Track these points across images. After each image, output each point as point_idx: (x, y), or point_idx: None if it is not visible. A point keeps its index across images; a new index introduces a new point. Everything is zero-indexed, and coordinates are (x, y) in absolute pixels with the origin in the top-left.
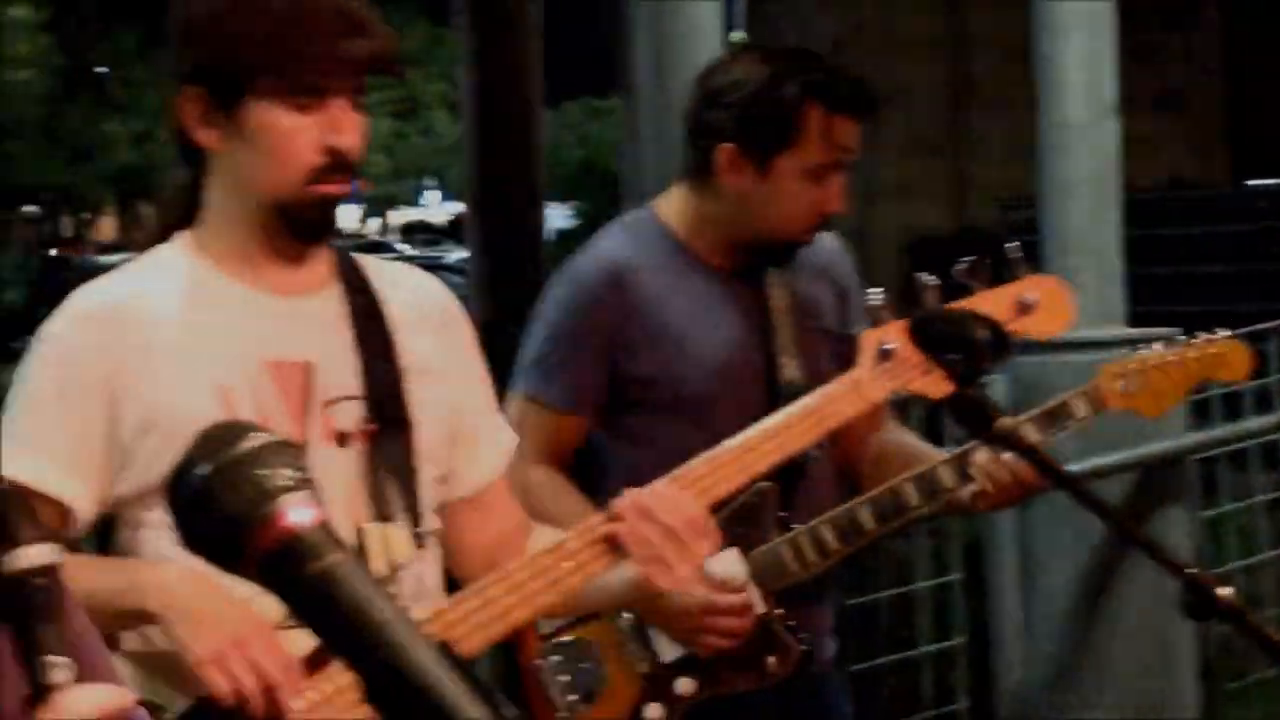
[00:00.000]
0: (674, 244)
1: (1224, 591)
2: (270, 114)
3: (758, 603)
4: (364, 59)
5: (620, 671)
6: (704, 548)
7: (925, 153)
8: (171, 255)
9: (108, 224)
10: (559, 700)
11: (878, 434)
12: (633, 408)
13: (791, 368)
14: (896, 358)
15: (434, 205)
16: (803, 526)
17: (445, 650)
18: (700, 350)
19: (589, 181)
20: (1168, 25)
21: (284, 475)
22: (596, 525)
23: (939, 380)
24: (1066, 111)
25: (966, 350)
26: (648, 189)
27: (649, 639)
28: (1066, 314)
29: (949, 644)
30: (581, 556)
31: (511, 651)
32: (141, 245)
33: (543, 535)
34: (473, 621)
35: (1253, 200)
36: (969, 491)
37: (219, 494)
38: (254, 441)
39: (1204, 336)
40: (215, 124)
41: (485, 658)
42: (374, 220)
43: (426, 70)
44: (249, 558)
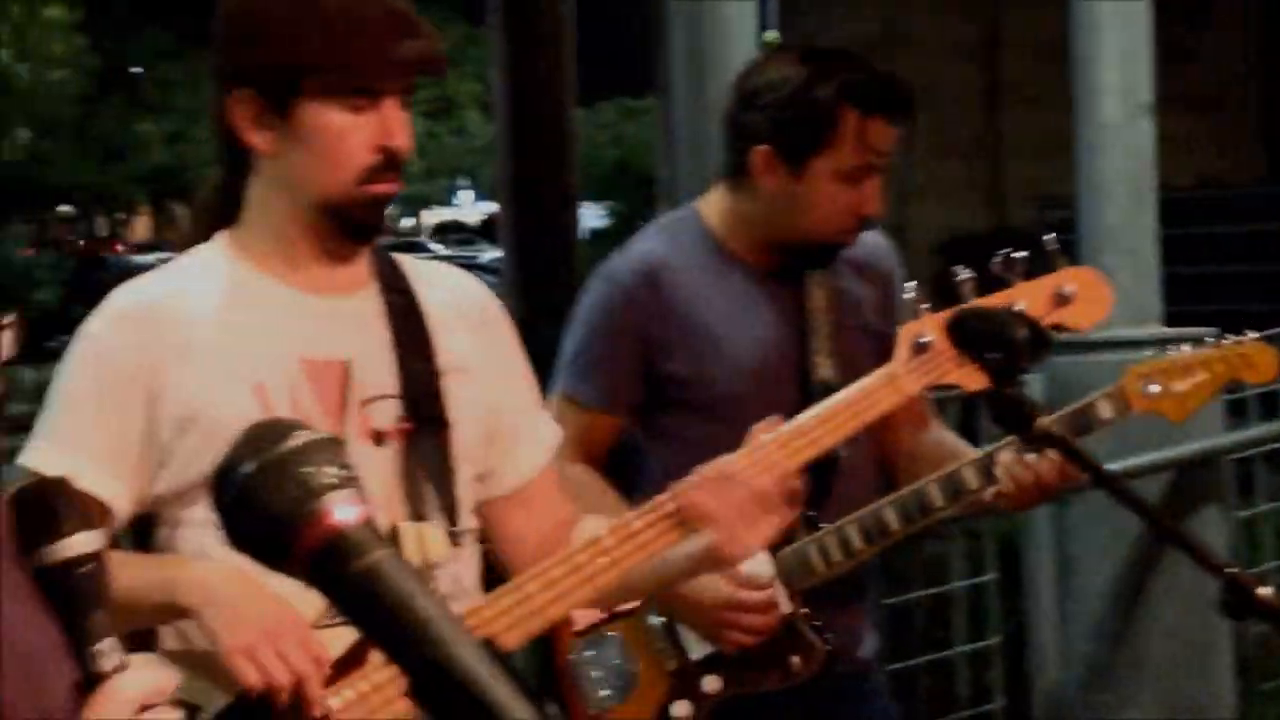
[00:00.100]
0: (712, 244)
1: (1264, 591)
2: (324, 115)
3: (784, 602)
4: (415, 60)
5: (650, 668)
6: (775, 520)
7: (960, 153)
8: (210, 255)
9: (142, 223)
10: (591, 695)
11: (920, 433)
12: (667, 407)
13: (826, 367)
14: (932, 350)
15: (467, 205)
16: (830, 526)
17: (488, 646)
18: (734, 350)
19: (623, 181)
20: (1200, 25)
21: (329, 473)
22: (664, 502)
23: (975, 373)
24: (1102, 111)
25: (1005, 349)
26: (683, 189)
27: (678, 636)
28: (1104, 305)
29: (985, 644)
30: (640, 538)
31: (547, 647)
32: (179, 245)
33: (589, 525)
34: (509, 618)
35: None
36: (991, 492)
37: (264, 492)
38: (299, 439)
39: (1231, 339)
40: (267, 125)
41: (520, 652)
42: (407, 220)
43: (460, 70)
44: (295, 556)
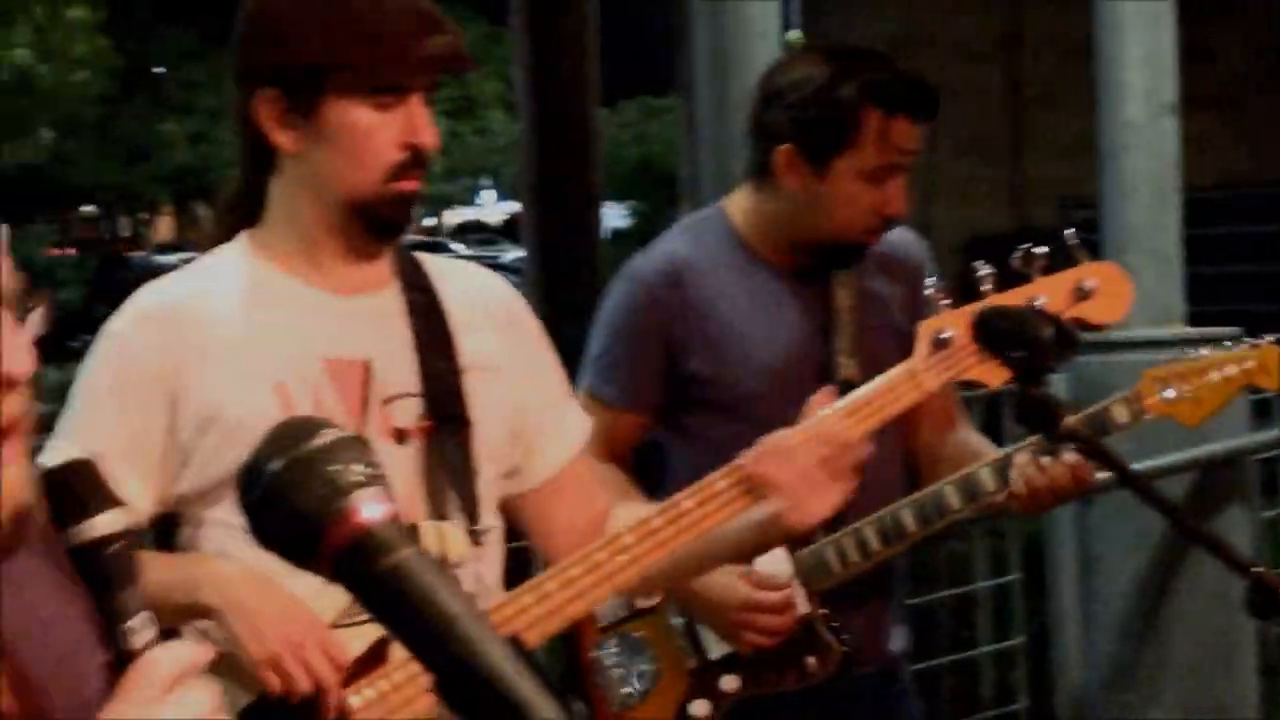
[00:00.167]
0: (737, 243)
1: None
2: (350, 113)
3: (801, 602)
4: (440, 56)
5: (670, 667)
6: (841, 488)
7: (982, 153)
8: (233, 255)
9: (165, 224)
10: (613, 692)
11: (947, 434)
12: (690, 407)
13: (849, 367)
14: (953, 346)
15: (489, 205)
16: (848, 527)
17: (515, 644)
18: (756, 350)
19: (645, 181)
20: (1224, 24)
21: (355, 471)
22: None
23: (996, 368)
24: (1126, 111)
25: (1031, 347)
26: (706, 188)
27: (698, 636)
28: (1125, 301)
29: (1009, 644)
30: (661, 535)
31: (571, 643)
32: (202, 245)
33: (623, 514)
34: (529, 617)
35: None
36: (1004, 494)
37: (291, 490)
38: (326, 437)
39: (1249, 342)
40: (291, 125)
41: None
42: (429, 220)
43: (482, 69)
44: (321, 554)
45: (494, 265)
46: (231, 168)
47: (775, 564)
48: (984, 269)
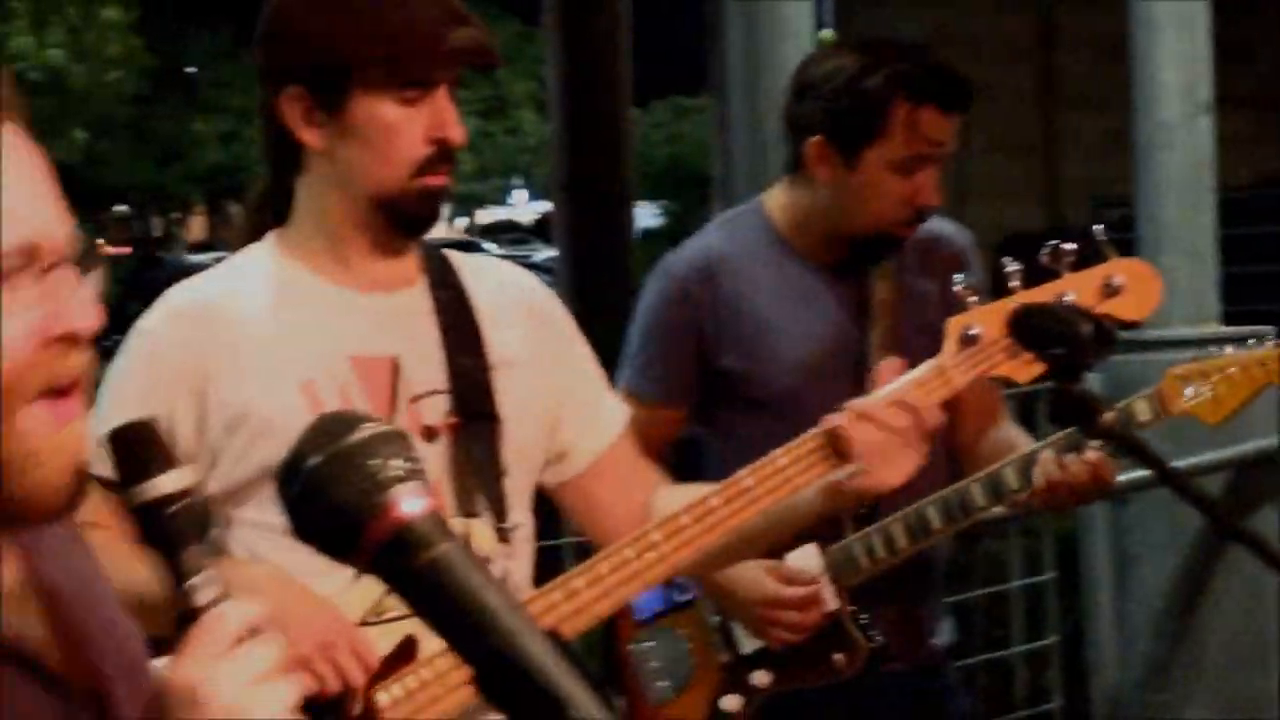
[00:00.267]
0: (773, 238)
1: None
2: (376, 108)
3: (830, 598)
4: (466, 49)
5: (704, 661)
6: (915, 456)
7: (1016, 151)
8: (261, 254)
9: (197, 223)
10: (649, 686)
11: (989, 430)
12: (724, 403)
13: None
14: (982, 342)
15: (521, 204)
16: (876, 524)
17: (554, 638)
18: (788, 345)
19: (677, 180)
20: (1260, 22)
21: (395, 465)
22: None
23: (1025, 365)
24: (1161, 110)
25: (1070, 345)
26: (739, 187)
27: (730, 631)
28: (1154, 297)
29: (1043, 643)
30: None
31: (610, 637)
32: (232, 245)
33: (663, 502)
34: (557, 614)
35: None
36: (1028, 492)
37: (331, 485)
38: (365, 432)
39: (1271, 341)
40: (318, 122)
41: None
42: (461, 219)
43: (514, 69)
44: (362, 549)
45: (526, 264)
46: (263, 166)
47: (805, 557)
48: (1012, 265)
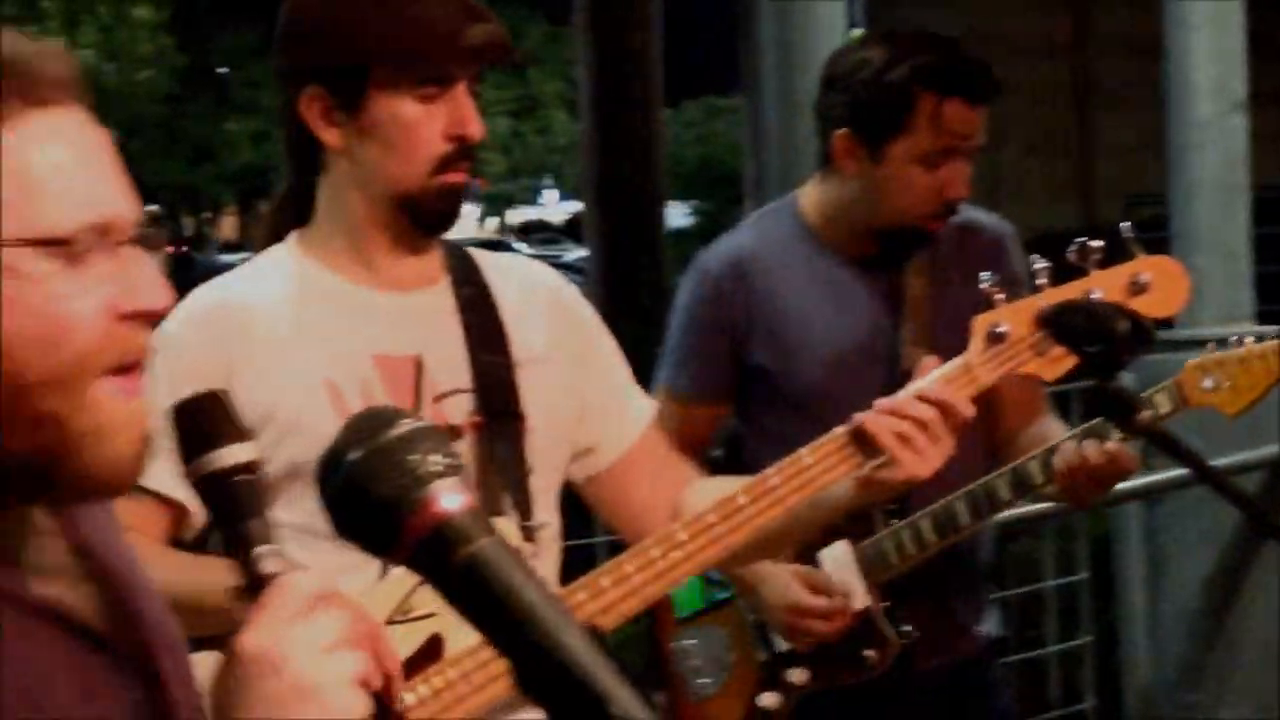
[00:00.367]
0: (805, 233)
1: None
2: (395, 106)
3: (861, 596)
4: (483, 44)
5: (743, 659)
6: (942, 450)
7: (1050, 151)
8: (283, 255)
9: (229, 223)
10: (690, 683)
11: (1028, 426)
12: (759, 400)
13: (917, 358)
14: (1009, 340)
15: (551, 204)
16: (906, 520)
17: (594, 633)
18: (818, 341)
19: (708, 180)
20: None
21: (434, 461)
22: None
23: (1051, 362)
24: (1195, 109)
25: (1107, 341)
26: (772, 187)
27: (766, 629)
28: (1180, 295)
29: (1076, 643)
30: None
31: (653, 634)
32: (256, 246)
33: (698, 493)
34: (583, 613)
35: None
36: (1052, 486)
37: (370, 480)
38: (404, 427)
39: None
40: (337, 122)
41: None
42: (491, 219)
43: (544, 68)
44: (401, 544)
45: (557, 264)
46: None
47: (839, 556)
48: (1039, 263)
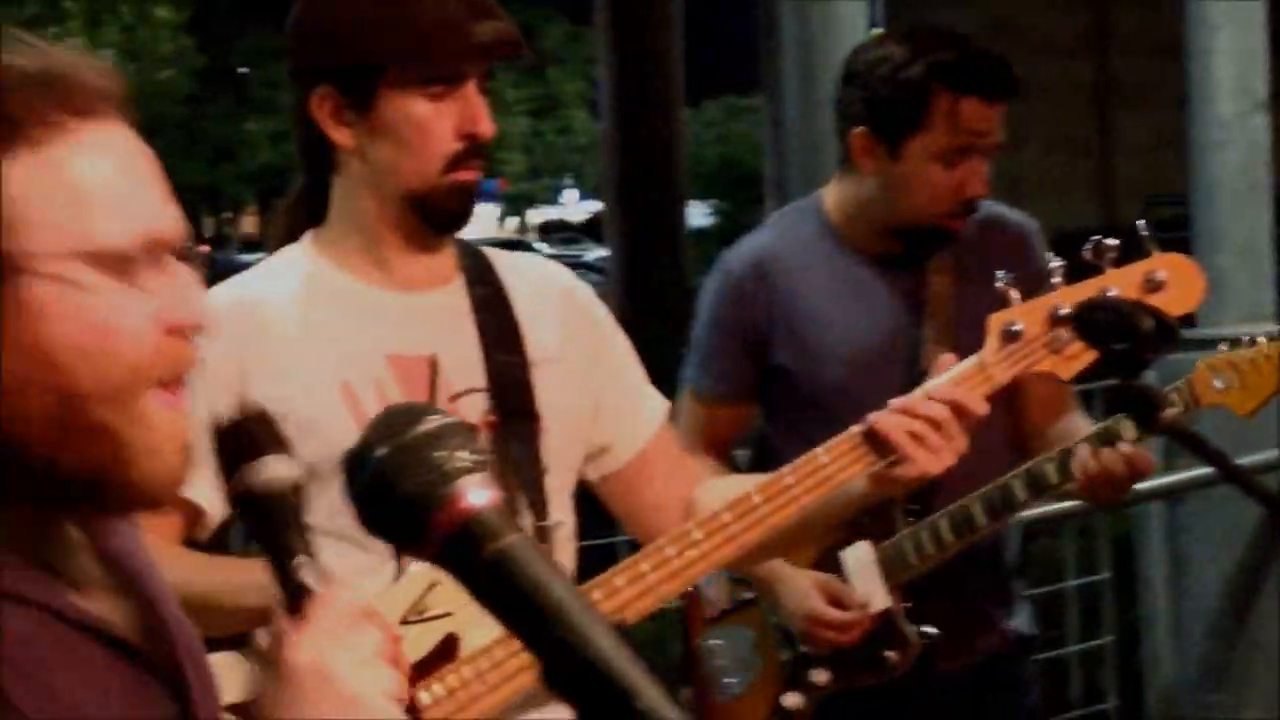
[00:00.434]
0: (826, 232)
1: None
2: (405, 105)
3: (881, 598)
4: (493, 41)
5: (768, 658)
6: (954, 448)
7: (1071, 150)
8: (296, 255)
9: (249, 222)
10: (718, 681)
11: (1054, 423)
12: (782, 400)
13: (937, 357)
14: (1024, 339)
15: (572, 204)
16: (925, 520)
17: (621, 630)
18: (838, 340)
19: (729, 180)
20: None
21: (461, 457)
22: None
23: (1066, 361)
24: (1216, 108)
25: (1132, 339)
26: (793, 187)
27: (789, 630)
28: (1196, 293)
29: (1098, 643)
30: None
31: (683, 632)
32: (270, 246)
33: (705, 495)
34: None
35: None
36: (1067, 486)
37: (397, 476)
38: (432, 423)
39: None
40: (348, 121)
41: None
42: (511, 219)
43: (565, 68)
44: (428, 540)
45: (577, 264)
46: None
47: (861, 556)
48: (1055, 261)
